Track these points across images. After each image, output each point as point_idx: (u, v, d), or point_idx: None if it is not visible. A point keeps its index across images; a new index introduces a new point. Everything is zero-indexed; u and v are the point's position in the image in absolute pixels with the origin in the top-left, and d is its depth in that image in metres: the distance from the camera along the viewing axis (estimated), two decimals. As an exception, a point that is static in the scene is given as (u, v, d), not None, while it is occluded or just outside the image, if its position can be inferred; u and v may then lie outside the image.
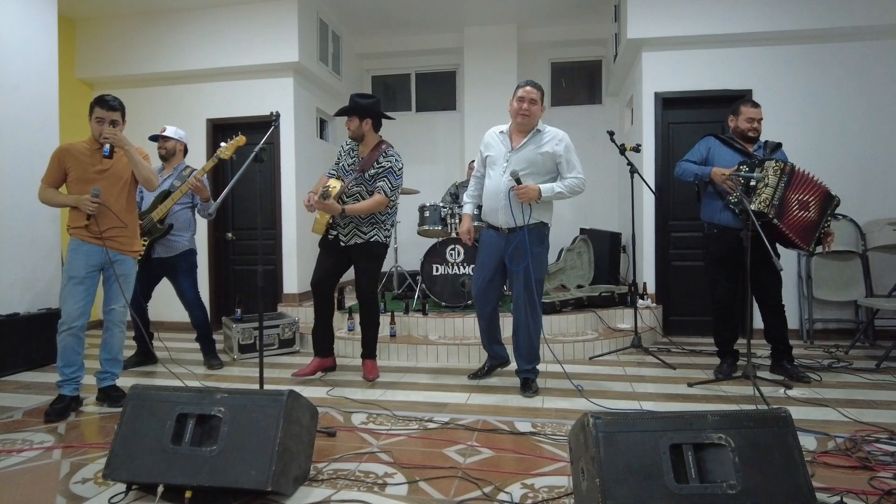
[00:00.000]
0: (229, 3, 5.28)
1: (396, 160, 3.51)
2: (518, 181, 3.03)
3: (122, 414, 1.99)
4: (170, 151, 3.96)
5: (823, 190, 3.27)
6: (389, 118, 3.69)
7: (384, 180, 3.45)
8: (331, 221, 3.55)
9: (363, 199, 3.47)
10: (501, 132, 3.25)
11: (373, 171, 3.47)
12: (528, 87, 3.13)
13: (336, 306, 4.01)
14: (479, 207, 3.45)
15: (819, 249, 3.41)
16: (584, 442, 1.68)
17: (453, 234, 4.68)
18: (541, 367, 3.36)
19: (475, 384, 3.46)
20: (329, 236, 3.57)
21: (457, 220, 4.71)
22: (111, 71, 5.56)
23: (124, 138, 2.95)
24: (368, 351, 3.69)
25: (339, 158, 3.67)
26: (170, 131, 3.99)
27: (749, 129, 3.40)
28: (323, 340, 3.67)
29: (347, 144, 3.63)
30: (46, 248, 4.29)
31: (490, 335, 3.48)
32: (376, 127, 3.55)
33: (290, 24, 5.19)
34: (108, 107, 2.92)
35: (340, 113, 3.56)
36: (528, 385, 3.23)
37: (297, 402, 2.03)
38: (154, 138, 4.00)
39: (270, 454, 1.83)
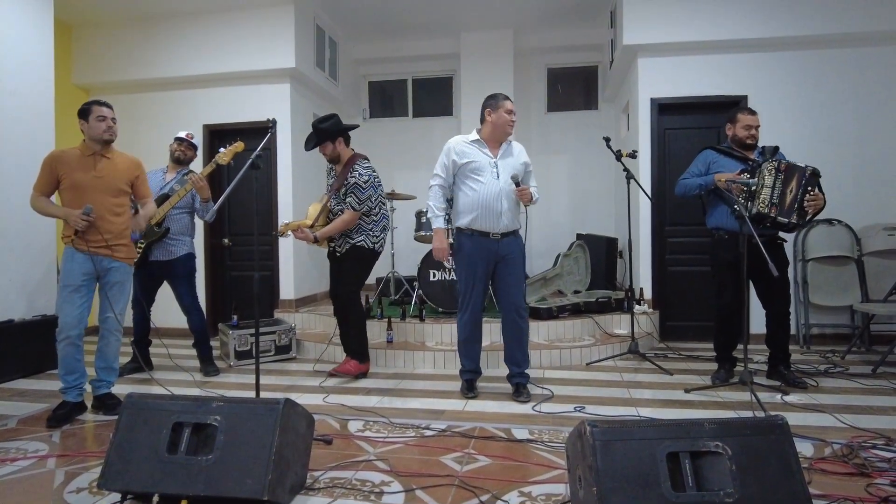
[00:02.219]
0: (226, 9, 5.29)
1: (360, 174, 3.59)
2: (517, 183, 3.16)
3: (117, 422, 1.98)
4: (189, 158, 4.05)
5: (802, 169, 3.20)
6: (355, 127, 3.84)
7: (351, 196, 3.59)
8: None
9: None
10: (473, 141, 3.26)
11: (343, 190, 3.62)
12: (511, 102, 3.24)
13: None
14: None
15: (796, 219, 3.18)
16: (581, 450, 1.68)
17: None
18: (539, 373, 3.36)
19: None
20: (329, 248, 3.78)
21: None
22: (108, 76, 5.56)
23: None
24: (346, 349, 3.81)
25: (327, 176, 3.89)
26: (196, 142, 4.09)
27: (747, 136, 3.39)
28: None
29: (329, 164, 3.82)
30: (41, 255, 4.27)
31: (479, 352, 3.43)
32: (347, 142, 3.73)
33: (286, 29, 5.19)
34: (107, 105, 2.98)
35: (312, 146, 3.70)
36: (522, 389, 3.23)
37: (294, 410, 2.02)
38: (180, 140, 4.00)
39: (266, 463, 1.83)
